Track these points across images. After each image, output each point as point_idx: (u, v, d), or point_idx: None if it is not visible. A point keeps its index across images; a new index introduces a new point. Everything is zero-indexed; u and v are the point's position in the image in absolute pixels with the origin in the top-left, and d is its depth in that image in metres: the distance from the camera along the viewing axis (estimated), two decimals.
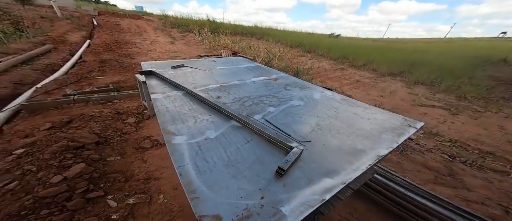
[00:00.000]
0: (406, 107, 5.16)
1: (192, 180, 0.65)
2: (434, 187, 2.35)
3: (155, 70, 1.55)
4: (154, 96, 1.17)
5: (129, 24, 13.00)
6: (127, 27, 11.71)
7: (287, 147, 0.86)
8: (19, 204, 1.38)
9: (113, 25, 11.51)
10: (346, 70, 8.75)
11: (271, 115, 1.22)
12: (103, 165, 1.93)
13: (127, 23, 13.29)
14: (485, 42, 22.45)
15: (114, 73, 4.37)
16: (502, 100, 6.29)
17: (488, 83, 7.56)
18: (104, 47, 6.53)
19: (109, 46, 6.83)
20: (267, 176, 0.73)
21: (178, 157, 0.74)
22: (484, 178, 2.63)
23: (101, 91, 3.14)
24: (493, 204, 2.16)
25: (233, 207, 0.59)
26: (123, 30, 10.52)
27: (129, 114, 2.91)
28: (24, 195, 1.45)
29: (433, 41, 26.18)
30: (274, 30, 16.83)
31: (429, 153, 3.10)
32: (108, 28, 10.26)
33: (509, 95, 6.63)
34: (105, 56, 5.57)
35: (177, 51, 7.88)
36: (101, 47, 6.51)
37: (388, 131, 1.06)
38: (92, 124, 2.46)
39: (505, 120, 4.87)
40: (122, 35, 9.29)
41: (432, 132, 3.83)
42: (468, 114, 5.09)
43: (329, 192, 0.67)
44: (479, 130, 4.21)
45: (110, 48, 6.68)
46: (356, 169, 0.78)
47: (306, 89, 1.76)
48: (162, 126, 0.88)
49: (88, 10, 16.29)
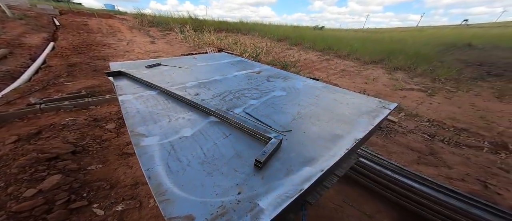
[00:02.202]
0: (388, 92, 5.40)
1: (161, 182, 0.61)
2: (418, 167, 2.48)
3: (125, 70, 1.44)
4: (122, 98, 1.08)
5: (99, 23, 12.12)
6: (97, 27, 10.91)
7: (266, 139, 0.83)
8: None
9: (80, 25, 10.64)
10: (332, 61, 8.94)
11: (252, 108, 1.19)
12: (83, 175, 1.83)
13: (96, 22, 12.36)
14: (451, 29, 24.55)
15: (87, 78, 4.08)
16: (471, 80, 6.81)
17: (457, 66, 8.16)
18: (72, 50, 6.05)
19: (77, 48, 6.33)
20: (246, 170, 0.70)
21: (146, 159, 0.68)
22: (462, 155, 2.83)
23: (72, 97, 2.92)
24: (472, 179, 2.33)
25: (207, 206, 0.56)
26: (92, 31, 9.79)
27: (108, 120, 2.76)
28: None
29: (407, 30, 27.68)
30: (260, 25, 16.65)
31: (411, 134, 3.26)
32: (74, 29, 9.47)
33: (476, 75, 7.20)
34: (73, 59, 5.17)
35: (159, 50, 7.53)
36: (68, 49, 6.02)
37: (364, 114, 1.07)
38: (66, 133, 2.29)
39: (476, 98, 5.26)
40: (92, 36, 8.66)
41: (412, 114, 4.04)
42: (442, 95, 5.43)
43: (308, 181, 0.66)
44: (453, 108, 4.51)
45: (79, 50, 6.20)
46: (334, 155, 0.77)
47: (288, 80, 1.74)
48: (130, 128, 0.82)
49: (46, 8, 14.69)
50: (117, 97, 1.12)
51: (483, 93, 5.43)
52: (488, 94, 5.36)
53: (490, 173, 2.41)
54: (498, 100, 4.96)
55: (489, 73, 7.24)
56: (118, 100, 1.09)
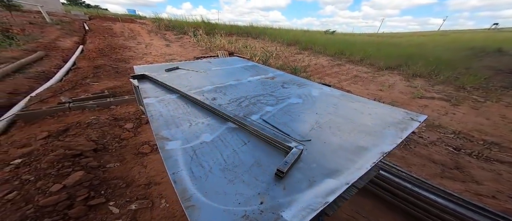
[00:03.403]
0: (406, 100, 5.13)
1: (186, 187, 0.62)
2: (442, 181, 2.31)
3: (148, 73, 1.51)
4: (147, 101, 1.13)
5: (122, 28, 12.91)
6: (120, 31, 11.63)
7: (286, 148, 0.82)
8: (20, 213, 1.37)
9: (105, 29, 11.41)
10: (343, 66, 8.73)
11: (269, 115, 1.19)
12: (102, 172, 1.92)
13: (119, 27, 13.17)
14: (478, 33, 22.72)
15: (109, 79, 4.34)
16: (501, 89, 6.26)
17: (485, 73, 7.54)
18: (98, 53, 6.48)
19: (102, 51, 6.78)
20: (266, 179, 0.70)
21: (172, 163, 0.70)
22: (492, 170, 2.59)
23: (96, 97, 3.11)
24: (505, 197, 2.12)
25: (230, 214, 0.56)
26: (116, 34, 10.45)
27: (126, 120, 2.89)
28: (25, 205, 1.45)
29: (428, 34, 26.27)
30: (269, 29, 16.74)
31: (433, 146, 3.06)
32: (101, 33, 10.17)
33: (507, 84, 6.60)
34: (99, 62, 5.54)
35: (173, 53, 7.83)
36: (95, 52, 6.46)
37: (390, 126, 1.02)
38: (89, 131, 2.43)
39: (506, 109, 4.83)
40: (116, 40, 9.23)
41: (434, 124, 3.79)
42: (468, 105, 5.05)
43: (333, 193, 0.64)
44: (481, 120, 4.17)
45: (104, 53, 6.63)
46: (360, 167, 0.74)
47: (304, 87, 1.72)
48: (155, 131, 0.85)
49: (78, 14, 16.01)
50: (141, 99, 1.17)
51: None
52: None
53: None
54: None
55: None
56: (142, 103, 1.14)
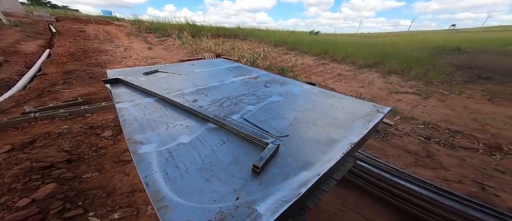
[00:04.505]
0: (384, 95, 5.49)
1: (159, 189, 0.61)
2: (416, 169, 2.50)
3: (123, 77, 1.45)
4: (120, 106, 1.08)
5: (97, 30, 12.14)
6: (94, 33, 10.92)
7: (264, 144, 0.84)
8: None
9: (76, 32, 10.61)
10: (328, 65, 9.10)
11: (250, 114, 1.20)
12: (78, 183, 1.81)
13: (93, 29, 12.35)
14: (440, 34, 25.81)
15: (83, 85, 4.07)
16: (462, 83, 6.99)
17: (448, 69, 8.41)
18: (68, 57, 6.03)
19: (74, 55, 6.31)
20: (243, 175, 0.71)
21: (145, 166, 0.69)
22: (457, 157, 2.86)
23: (68, 105, 2.90)
24: (469, 181, 2.34)
25: (205, 212, 0.56)
26: (89, 37, 9.79)
27: (104, 128, 2.74)
28: None
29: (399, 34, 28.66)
30: (257, 30, 16.89)
31: (407, 137, 3.30)
32: (71, 36, 9.44)
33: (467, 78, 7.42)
34: (70, 67, 5.16)
35: (156, 57, 7.56)
36: (65, 57, 6.00)
37: (359, 118, 1.09)
38: (61, 141, 2.26)
39: (468, 100, 5.38)
40: (89, 43, 8.66)
41: (407, 117, 4.10)
42: (436, 97, 5.54)
43: (305, 185, 0.67)
44: (447, 111, 4.59)
45: (75, 57, 6.18)
46: (330, 158, 0.78)
47: (285, 85, 1.77)
48: (128, 136, 0.82)
49: (43, 15, 14.54)
50: (114, 104, 1.12)
51: (475, 96, 5.57)
52: (480, 97, 5.49)
53: (486, 175, 2.44)
54: (489, 103, 5.08)
55: (479, 76, 7.46)
56: (115, 108, 1.09)
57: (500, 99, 5.28)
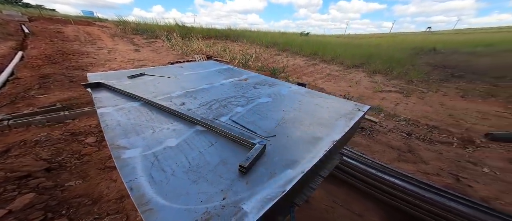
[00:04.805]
0: (370, 94, 5.74)
1: (144, 193, 0.60)
2: (399, 164, 2.63)
3: (105, 81, 1.40)
4: (102, 110, 1.04)
5: (76, 31, 11.49)
6: (73, 34, 10.34)
7: (251, 144, 0.86)
8: None
9: (53, 32, 9.91)
10: (318, 65, 9.35)
11: (239, 115, 1.21)
12: (61, 192, 1.75)
13: (73, 30, 11.64)
14: (418, 35, 28.06)
15: (62, 90, 3.85)
16: (438, 81, 7.51)
17: (425, 69, 9.01)
18: (45, 60, 5.65)
19: (51, 58, 5.92)
20: (231, 176, 0.72)
21: (128, 171, 0.67)
22: (435, 151, 3.05)
23: (45, 111, 2.73)
24: (446, 173, 2.51)
25: (191, 213, 0.56)
26: (68, 39, 9.24)
27: (87, 134, 2.62)
28: None
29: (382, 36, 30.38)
30: (248, 32, 16.91)
31: (391, 133, 3.47)
32: (47, 37, 8.82)
33: (442, 77, 7.99)
34: (46, 70, 4.85)
35: (144, 59, 7.33)
36: (40, 59, 5.62)
37: (342, 117, 1.15)
38: (38, 150, 2.14)
39: (444, 97, 5.76)
40: (69, 45, 8.18)
41: (391, 114, 4.31)
42: (416, 95, 5.88)
43: (290, 182, 0.69)
44: (426, 108, 4.89)
45: (53, 60, 5.80)
46: (314, 156, 0.82)
47: (274, 86, 1.80)
48: (110, 141, 0.80)
49: (13, 14, 13.22)
50: (96, 109, 1.08)
51: (450, 93, 6.00)
52: (454, 94, 5.92)
53: (460, 167, 2.63)
54: (462, 99, 5.50)
55: (452, 75, 8.06)
56: (97, 113, 1.05)
57: (471, 96, 5.73)
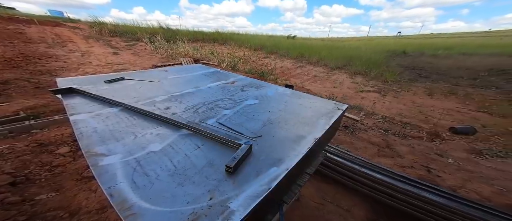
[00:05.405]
0: (353, 94, 6.07)
1: (126, 198, 0.58)
2: (379, 159, 2.81)
3: (78, 86, 1.31)
4: (75, 118, 0.97)
5: (42, 32, 10.43)
6: (38, 36, 9.36)
7: (237, 145, 0.87)
8: None
9: (12, 33, 8.80)
10: (304, 67, 9.67)
11: (226, 118, 1.22)
12: (30, 206, 1.61)
13: (37, 31, 10.49)
14: (391, 39, 31.23)
15: (26, 97, 3.50)
16: (409, 81, 8.24)
17: (398, 70, 9.84)
18: (4, 63, 5.06)
19: (11, 62, 5.31)
20: (218, 177, 0.72)
21: (107, 178, 0.64)
22: (408, 145, 3.31)
23: (6, 121, 2.46)
24: (419, 165, 2.73)
25: (178, 214, 0.56)
26: (32, 40, 8.33)
27: (59, 144, 2.42)
28: None
29: (361, 39, 32.78)
30: (236, 35, 16.89)
31: (371, 130, 3.69)
32: (6, 38, 7.80)
33: (412, 77, 8.80)
34: (6, 76, 4.35)
35: (124, 62, 6.94)
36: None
37: (323, 116, 1.22)
38: (0, 163, 1.92)
39: (414, 96, 6.31)
40: (33, 47, 7.40)
41: (370, 112, 4.60)
42: (392, 95, 6.36)
43: (275, 180, 0.72)
44: (400, 106, 5.30)
45: (13, 64, 5.21)
46: (298, 154, 0.86)
47: (261, 88, 1.83)
48: (86, 149, 0.75)
49: None
50: (68, 117, 1.00)
51: (419, 92, 6.60)
52: (422, 93, 6.53)
53: (430, 159, 2.89)
54: (429, 97, 6.08)
55: (420, 75, 8.92)
56: (70, 121, 0.97)
57: (436, 94, 6.37)
